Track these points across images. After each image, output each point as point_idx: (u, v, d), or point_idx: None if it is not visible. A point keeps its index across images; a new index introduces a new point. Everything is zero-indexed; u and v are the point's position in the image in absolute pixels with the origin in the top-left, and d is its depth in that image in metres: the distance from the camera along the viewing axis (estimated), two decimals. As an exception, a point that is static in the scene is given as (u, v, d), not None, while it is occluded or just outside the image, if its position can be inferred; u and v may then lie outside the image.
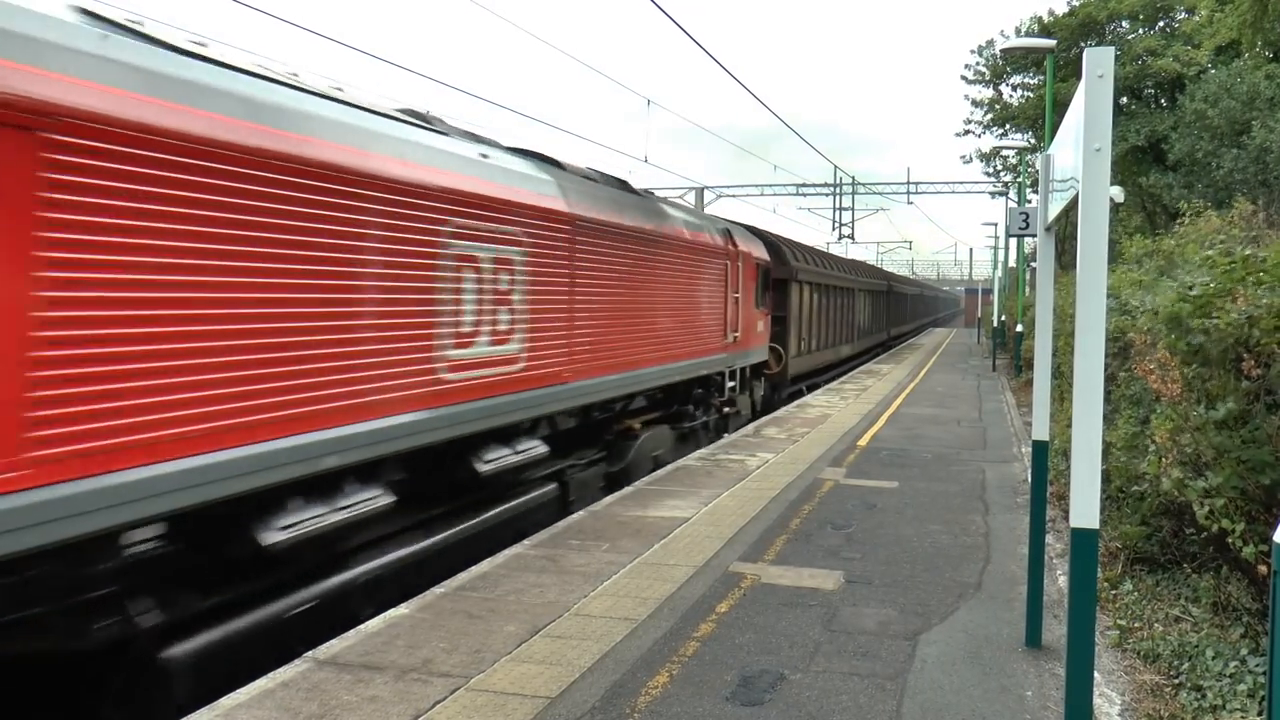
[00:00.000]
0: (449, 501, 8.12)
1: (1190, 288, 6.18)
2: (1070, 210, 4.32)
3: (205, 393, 5.21)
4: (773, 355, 19.27)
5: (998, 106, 40.58)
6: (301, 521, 6.02)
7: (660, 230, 12.20)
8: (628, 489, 10.64)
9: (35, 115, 4.29)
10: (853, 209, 51.44)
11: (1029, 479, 7.31)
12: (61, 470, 4.44)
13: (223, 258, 5.33)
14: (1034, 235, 6.56)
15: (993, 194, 47.08)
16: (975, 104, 41.68)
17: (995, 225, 49.47)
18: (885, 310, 40.80)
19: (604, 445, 11.39)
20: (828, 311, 25.42)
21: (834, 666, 5.55)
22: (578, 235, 9.70)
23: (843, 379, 25.61)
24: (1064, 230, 6.10)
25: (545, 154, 10.36)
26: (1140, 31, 34.64)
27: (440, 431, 7.36)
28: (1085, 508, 3.49)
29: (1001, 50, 32.91)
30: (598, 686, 5.21)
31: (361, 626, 6.11)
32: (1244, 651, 5.47)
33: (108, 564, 5.01)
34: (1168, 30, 34.39)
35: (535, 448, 9.12)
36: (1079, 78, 3.50)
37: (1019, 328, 28.15)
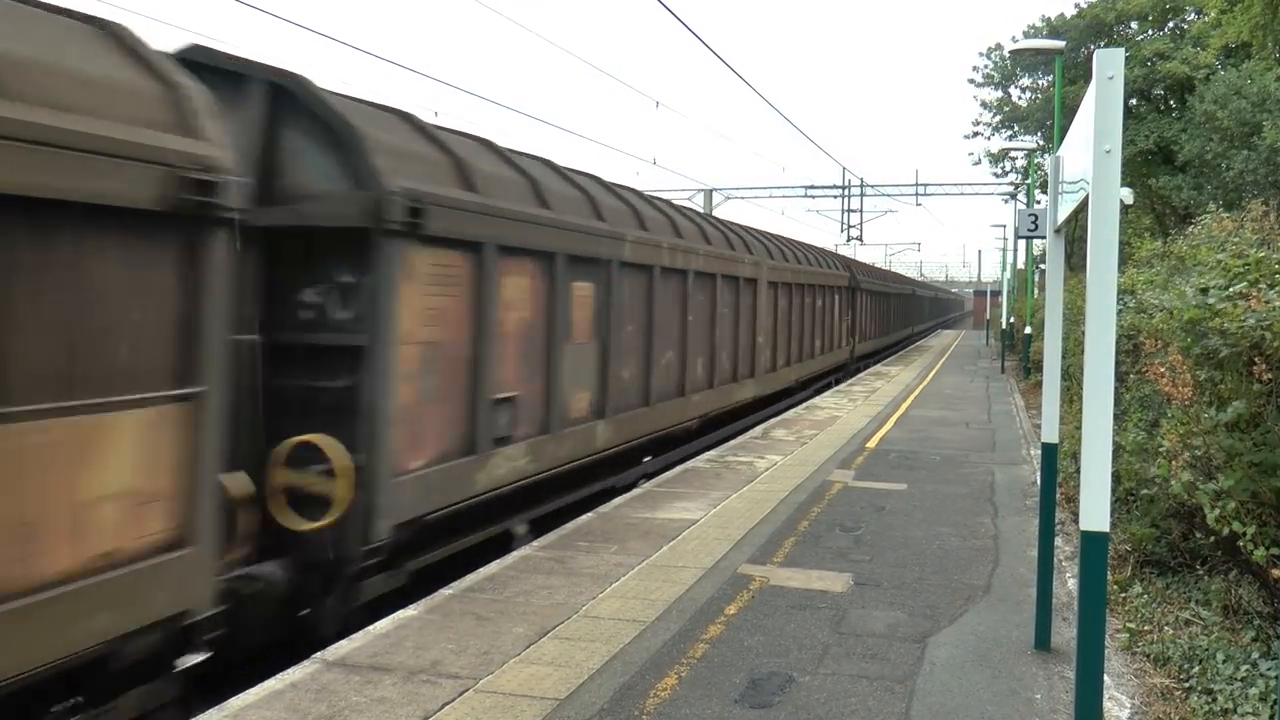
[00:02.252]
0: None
1: (1204, 290, 6.15)
2: (1080, 212, 4.31)
3: None
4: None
5: (1006, 108, 40.51)
6: None
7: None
8: (636, 490, 10.64)
9: None
10: (861, 210, 51.40)
11: (1038, 481, 7.29)
12: None
13: None
14: (1043, 237, 6.55)
15: (1005, 198, 46.96)
16: (984, 105, 41.60)
17: (1004, 227, 49.37)
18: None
19: None
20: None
21: (843, 669, 5.54)
22: None
23: (850, 381, 25.74)
24: (1073, 232, 6.09)
25: None
26: (1149, 33, 34.54)
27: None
28: (1095, 511, 3.48)
29: (1010, 52, 32.86)
30: (606, 688, 5.21)
31: (370, 628, 6.12)
32: (1255, 655, 5.45)
33: None
34: (1176, 32, 34.30)
35: None
36: (1088, 79, 3.49)
37: (1028, 329, 28.08)
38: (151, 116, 4.96)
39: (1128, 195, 23.02)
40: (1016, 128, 39.88)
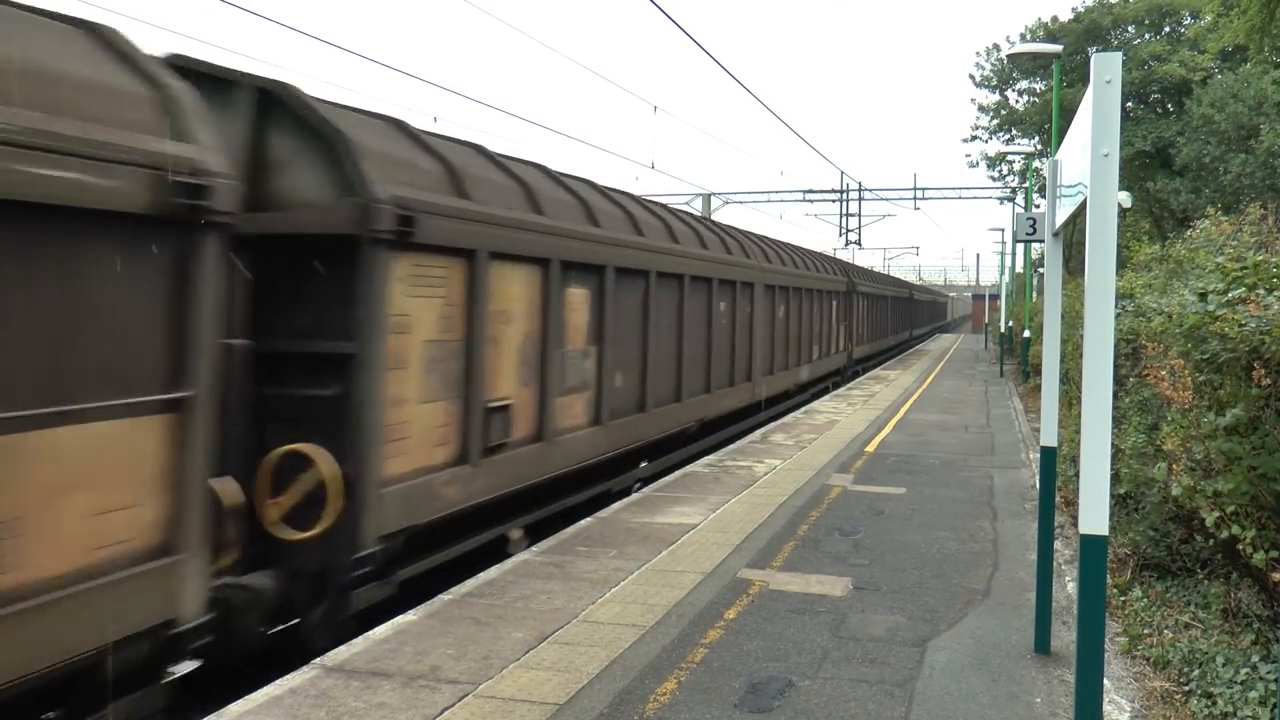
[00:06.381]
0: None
1: (1203, 295, 6.15)
2: (1078, 215, 4.32)
3: None
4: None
5: (1004, 112, 40.57)
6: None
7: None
8: (635, 495, 10.63)
9: None
10: (859, 215, 51.44)
11: (1037, 485, 7.29)
12: None
13: None
14: (1041, 240, 6.56)
15: (1000, 199, 47.03)
16: (981, 109, 41.65)
17: (1002, 231, 49.42)
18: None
19: None
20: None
21: (842, 673, 5.54)
22: None
23: (849, 385, 25.75)
24: (1072, 235, 6.09)
25: None
26: (1146, 37, 34.62)
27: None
28: (1094, 514, 3.48)
29: (1008, 55, 32.94)
30: (606, 693, 5.21)
31: (369, 633, 6.11)
32: (1255, 658, 5.44)
33: None
34: (1173, 36, 34.38)
35: None
36: (1085, 83, 3.50)
37: (1026, 333, 28.10)
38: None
39: (1126, 199, 23.07)
40: (1014, 131, 39.94)
